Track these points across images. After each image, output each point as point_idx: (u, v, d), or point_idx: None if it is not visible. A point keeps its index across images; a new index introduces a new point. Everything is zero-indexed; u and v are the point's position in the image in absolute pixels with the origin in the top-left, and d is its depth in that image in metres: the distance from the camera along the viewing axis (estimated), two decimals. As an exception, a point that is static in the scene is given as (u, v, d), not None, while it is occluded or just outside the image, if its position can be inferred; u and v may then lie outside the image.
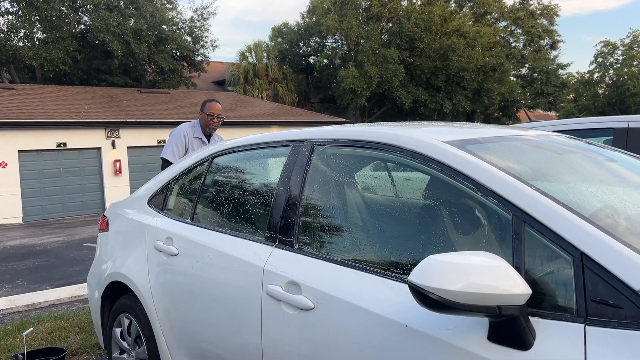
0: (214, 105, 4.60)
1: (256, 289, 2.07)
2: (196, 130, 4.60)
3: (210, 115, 4.54)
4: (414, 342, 1.54)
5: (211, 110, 4.56)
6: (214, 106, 4.59)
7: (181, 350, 2.53)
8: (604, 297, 1.29)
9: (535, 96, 33.27)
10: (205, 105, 4.62)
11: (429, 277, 1.30)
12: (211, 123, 4.55)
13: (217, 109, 4.58)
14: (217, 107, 4.60)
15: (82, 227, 12.90)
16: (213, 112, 4.55)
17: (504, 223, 1.53)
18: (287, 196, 2.17)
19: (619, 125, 3.85)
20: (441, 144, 1.80)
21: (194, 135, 4.57)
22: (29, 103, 16.50)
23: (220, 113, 4.59)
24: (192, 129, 4.60)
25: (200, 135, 4.58)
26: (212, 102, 4.63)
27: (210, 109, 4.56)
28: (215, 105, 4.61)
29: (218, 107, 4.61)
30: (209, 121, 4.55)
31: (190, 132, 4.57)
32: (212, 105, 4.60)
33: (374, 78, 25.88)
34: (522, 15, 32.83)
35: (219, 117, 4.58)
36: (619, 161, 2.15)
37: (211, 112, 4.54)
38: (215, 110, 4.57)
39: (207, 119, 4.55)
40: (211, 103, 4.62)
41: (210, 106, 4.59)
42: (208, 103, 4.62)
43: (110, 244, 3.21)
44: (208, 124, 4.56)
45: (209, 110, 4.56)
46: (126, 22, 21.78)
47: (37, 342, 4.03)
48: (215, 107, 4.59)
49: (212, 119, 4.54)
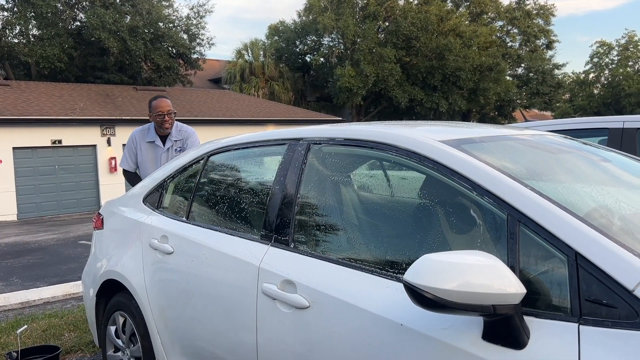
0: (160, 103, 4.18)
1: (251, 287, 2.07)
2: (148, 134, 4.27)
3: (159, 114, 4.15)
4: (408, 341, 1.54)
5: (158, 109, 4.16)
6: (160, 104, 4.17)
7: (176, 349, 2.53)
8: (598, 296, 1.29)
9: (531, 96, 33.37)
10: (151, 105, 4.20)
11: (424, 276, 1.30)
12: (163, 122, 4.17)
13: (164, 107, 4.16)
14: (163, 104, 4.18)
15: (77, 225, 12.86)
16: (161, 111, 4.15)
17: (499, 222, 1.53)
18: (282, 195, 2.17)
19: (613, 125, 3.87)
20: (437, 144, 1.80)
21: (146, 140, 4.25)
22: (24, 100, 16.43)
23: (169, 109, 4.18)
24: (142, 133, 4.30)
25: (152, 139, 4.25)
26: (157, 100, 4.21)
27: (156, 109, 4.16)
28: (161, 102, 4.18)
29: (165, 104, 4.18)
30: (160, 121, 4.17)
31: (140, 137, 4.29)
32: (158, 104, 4.18)
33: (370, 77, 25.90)
34: (519, 15, 32.91)
35: (169, 113, 4.17)
36: (614, 161, 2.16)
37: (158, 112, 4.15)
38: (162, 108, 4.16)
39: (157, 120, 4.18)
40: (156, 102, 4.20)
41: (156, 105, 4.17)
42: (153, 102, 4.20)
43: (106, 242, 3.21)
44: (160, 125, 4.19)
45: (155, 111, 4.16)
46: (122, 19, 21.71)
47: (31, 340, 4.02)
48: (162, 105, 4.17)
49: (162, 118, 4.15)
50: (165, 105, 4.17)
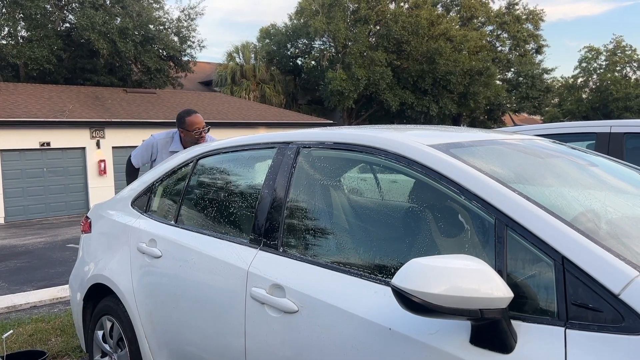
0: (197, 119, 3.98)
1: (240, 291, 2.06)
2: (173, 144, 4.05)
3: (197, 131, 3.94)
4: (397, 346, 1.54)
5: (195, 125, 3.94)
6: (197, 121, 3.97)
7: (163, 353, 2.51)
8: (585, 300, 1.30)
9: (521, 100, 33.62)
10: (186, 121, 3.96)
11: (412, 281, 1.30)
12: (200, 139, 3.95)
13: (200, 122, 3.99)
14: (200, 120, 4.00)
15: (66, 228, 12.75)
16: (198, 127, 3.95)
17: (486, 227, 1.54)
18: (272, 198, 2.16)
19: (601, 130, 3.91)
20: (425, 148, 1.81)
21: (169, 149, 4.02)
22: (12, 102, 16.27)
23: (204, 124, 4.02)
24: (166, 141, 4.08)
25: (176, 149, 3.99)
26: (192, 116, 3.98)
27: (193, 125, 3.94)
28: (197, 118, 3.99)
29: (200, 119, 4.01)
30: (198, 138, 3.94)
31: (163, 145, 4.07)
32: (195, 120, 3.96)
33: (361, 80, 25.97)
34: (508, 20, 33.19)
35: (204, 129, 4.01)
36: (601, 166, 2.18)
37: (196, 128, 3.94)
38: (200, 124, 3.97)
39: (195, 136, 3.94)
40: (192, 117, 3.97)
41: (193, 122, 3.95)
42: (188, 118, 3.96)
43: (93, 245, 3.18)
44: (197, 141, 3.92)
45: (192, 127, 3.94)
46: (112, 21, 21.59)
47: (17, 345, 3.97)
48: (200, 121, 3.99)
49: (199, 134, 3.95)
50: (201, 121, 3.99)
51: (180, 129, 3.99)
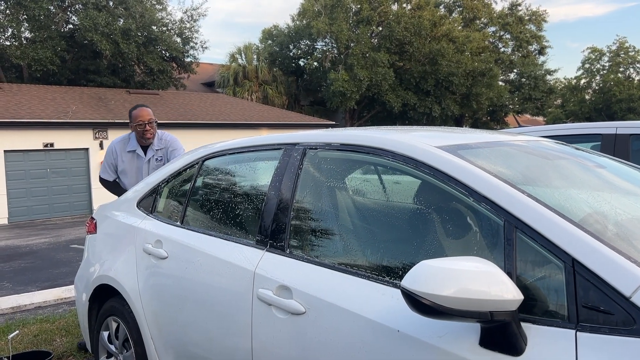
0: (141, 112, 4.01)
1: (246, 292, 2.06)
2: (129, 143, 4.11)
3: (140, 124, 3.99)
4: (405, 348, 1.53)
5: (138, 119, 3.99)
6: (140, 114, 4.01)
7: (169, 354, 2.51)
8: (595, 303, 1.29)
9: (523, 101, 33.59)
10: (132, 115, 4.05)
11: (422, 283, 1.30)
12: (144, 133, 4.01)
13: (144, 116, 4.00)
14: (143, 113, 4.01)
15: (69, 229, 12.77)
16: (141, 121, 3.98)
17: (495, 228, 1.53)
18: (278, 200, 2.16)
19: (606, 131, 3.90)
20: (433, 149, 1.80)
21: (126, 149, 4.10)
22: (16, 103, 16.31)
23: (150, 118, 4.01)
24: (123, 143, 4.14)
25: (134, 148, 4.09)
26: (137, 110, 4.05)
27: (137, 119, 4.00)
28: (141, 112, 4.02)
29: (145, 113, 4.02)
30: (141, 131, 4.01)
31: (121, 147, 4.13)
32: (138, 113, 4.02)
33: (363, 81, 25.97)
34: (511, 21, 33.16)
35: (150, 122, 4.01)
36: (608, 167, 2.17)
37: (139, 122, 3.99)
38: (143, 117, 3.99)
39: (139, 130, 4.02)
40: (136, 111, 4.04)
41: (136, 115, 4.01)
42: (133, 112, 4.05)
43: (99, 246, 3.18)
44: (142, 135, 4.03)
45: (136, 121, 4.00)
46: (115, 22, 21.63)
47: (22, 345, 3.98)
48: (143, 114, 4.00)
49: (143, 127, 3.99)
50: (145, 114, 4.01)
51: (130, 125, 4.06)
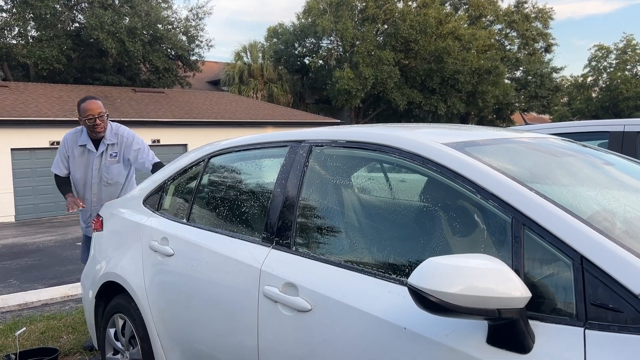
0: (90, 105, 3.72)
1: (252, 290, 2.06)
2: (81, 137, 3.86)
3: (89, 118, 3.71)
4: (412, 345, 1.53)
5: (87, 113, 3.70)
6: (89, 107, 3.72)
7: (175, 351, 2.51)
8: (604, 300, 1.28)
9: (529, 99, 33.45)
10: (80, 108, 3.75)
11: (429, 280, 1.29)
12: (94, 127, 3.74)
13: (94, 109, 3.71)
14: (93, 106, 3.73)
15: (75, 227, 12.82)
16: (91, 114, 3.70)
17: (503, 226, 1.53)
18: (284, 197, 2.16)
19: (614, 129, 3.87)
20: (440, 146, 1.80)
21: (78, 143, 3.86)
22: (23, 101, 16.39)
23: (100, 111, 3.72)
24: (75, 136, 3.89)
25: (84, 142, 3.84)
26: (86, 103, 3.75)
27: (86, 112, 3.71)
28: (90, 104, 3.73)
29: (95, 106, 3.73)
30: (91, 125, 3.74)
31: (72, 141, 3.88)
32: (87, 106, 3.72)
33: (368, 79, 25.92)
34: (517, 19, 33.01)
35: (100, 116, 3.72)
36: (616, 164, 2.15)
37: (88, 115, 3.70)
38: (92, 111, 3.71)
39: (88, 124, 3.74)
40: (85, 104, 3.74)
41: (85, 108, 3.72)
42: (82, 105, 3.75)
43: (105, 243, 3.19)
44: (91, 129, 3.76)
45: (85, 115, 3.71)
46: (121, 21, 21.70)
47: (29, 342, 4.00)
48: (92, 107, 3.72)
49: (92, 122, 3.72)
50: (95, 107, 3.72)
51: (79, 118, 3.79)
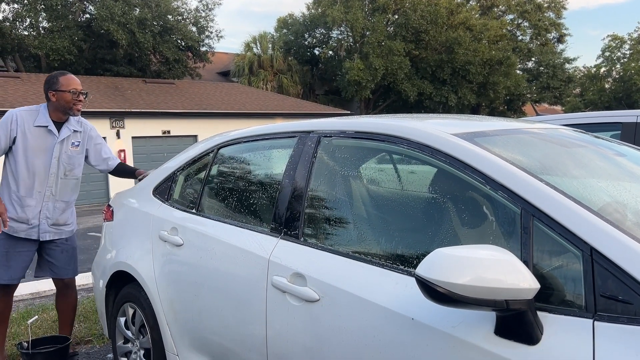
0: (74, 80, 3.29)
1: (261, 280, 2.07)
2: (39, 117, 3.24)
3: (74, 92, 3.24)
4: (419, 336, 1.53)
5: (72, 86, 3.24)
6: (74, 81, 3.28)
7: (185, 340, 2.53)
8: (614, 292, 1.27)
9: (541, 90, 33.13)
10: (59, 81, 3.23)
11: (437, 271, 1.29)
12: (76, 103, 3.27)
13: (78, 83, 3.30)
14: (77, 80, 3.31)
15: (87, 217, 12.94)
16: (75, 88, 3.25)
17: (512, 217, 1.52)
18: (292, 188, 2.16)
19: (627, 119, 3.82)
20: (449, 137, 1.78)
21: (35, 124, 3.22)
22: (34, 92, 16.51)
23: (81, 88, 3.32)
24: (30, 114, 3.24)
25: (45, 123, 3.24)
26: (68, 76, 3.29)
27: (71, 85, 3.24)
28: (74, 79, 3.30)
29: (78, 81, 3.32)
30: (74, 101, 3.25)
31: (27, 119, 3.21)
32: (71, 80, 3.26)
33: (379, 70, 25.80)
34: (529, 9, 32.62)
35: (82, 93, 3.31)
36: (628, 156, 2.13)
37: (73, 89, 3.24)
38: (77, 85, 3.28)
39: (69, 100, 3.23)
40: (67, 77, 3.27)
41: (69, 81, 3.25)
42: (63, 77, 3.25)
43: (115, 233, 3.22)
44: (71, 106, 3.25)
45: (70, 87, 3.23)
46: (131, 12, 21.75)
47: (41, 331, 4.06)
48: (76, 82, 3.29)
49: (76, 97, 3.26)
50: (78, 82, 3.31)
51: (52, 91, 3.23)
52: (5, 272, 3.22)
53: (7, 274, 3.23)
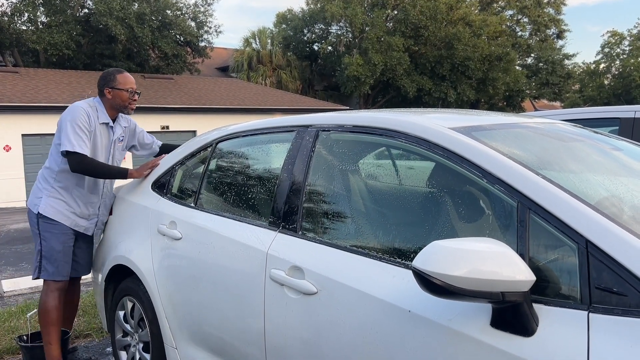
0: (130, 78, 3.25)
1: (259, 273, 2.08)
2: (100, 114, 3.18)
3: (130, 91, 3.20)
4: (416, 328, 1.54)
5: (129, 85, 3.20)
6: (130, 78, 3.24)
7: (184, 334, 2.55)
8: (608, 284, 1.28)
9: (540, 86, 33.11)
10: (116, 78, 3.19)
11: (433, 263, 1.30)
12: (132, 102, 3.23)
13: (133, 81, 3.26)
14: (133, 79, 3.28)
15: (86, 212, 12.93)
16: (132, 88, 3.21)
17: (508, 210, 1.53)
18: (290, 182, 2.17)
19: (625, 115, 3.83)
20: (447, 131, 1.79)
21: (100, 121, 3.16)
22: (33, 87, 16.48)
23: (136, 87, 3.28)
24: (94, 111, 3.15)
25: (107, 120, 3.19)
26: (125, 74, 3.24)
27: (127, 83, 3.19)
28: (130, 77, 3.26)
29: (134, 80, 3.29)
30: (130, 100, 3.21)
31: (94, 116, 3.14)
32: (128, 78, 3.22)
33: (378, 66, 25.76)
34: (529, 4, 32.57)
35: (137, 92, 3.27)
36: (625, 150, 2.14)
37: (130, 87, 3.20)
38: (133, 84, 3.24)
39: (126, 97, 3.19)
40: (124, 75, 3.24)
41: (126, 80, 3.21)
42: (120, 75, 3.21)
43: (114, 227, 3.22)
44: (127, 104, 3.21)
45: (127, 85, 3.19)
46: (130, 7, 21.69)
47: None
48: (132, 80, 3.26)
49: (132, 96, 3.22)
50: (134, 81, 3.27)
51: (109, 88, 3.17)
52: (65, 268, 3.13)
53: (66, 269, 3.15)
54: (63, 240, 3.11)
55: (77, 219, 3.17)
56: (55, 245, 3.08)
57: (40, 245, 3.09)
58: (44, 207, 3.09)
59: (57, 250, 3.08)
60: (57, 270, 3.08)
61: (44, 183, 3.16)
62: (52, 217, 3.08)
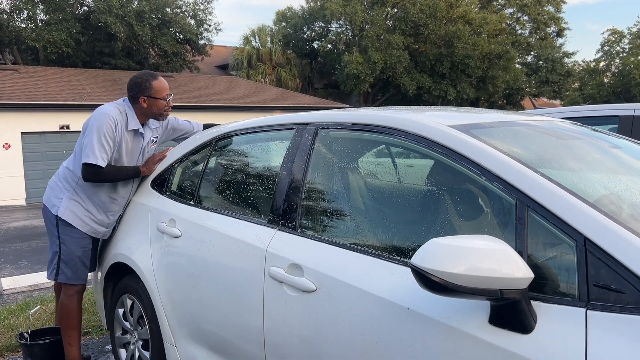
0: (165, 84, 3.09)
1: (258, 271, 2.08)
2: (130, 120, 3.00)
3: (168, 97, 3.07)
4: (415, 325, 1.54)
5: (165, 92, 3.05)
6: (165, 85, 3.08)
7: (183, 331, 2.55)
8: (607, 282, 1.29)
9: (540, 84, 33.10)
10: (152, 86, 3.01)
11: (432, 260, 1.30)
12: (167, 109, 3.09)
13: (168, 87, 3.11)
14: (167, 84, 3.12)
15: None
16: (168, 95, 3.07)
17: (507, 207, 1.53)
18: (290, 179, 2.17)
19: (624, 113, 3.84)
20: (446, 128, 1.79)
21: (128, 128, 2.99)
22: (32, 85, 16.47)
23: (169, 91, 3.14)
24: (122, 117, 2.98)
25: (136, 126, 3.02)
26: (160, 80, 3.06)
27: (164, 90, 3.04)
28: (165, 83, 3.10)
29: (167, 84, 3.13)
30: (165, 108, 3.07)
31: (122, 123, 2.97)
32: (162, 84, 3.06)
33: (378, 64, 25.74)
34: (529, 2, 32.54)
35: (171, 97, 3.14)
36: (624, 148, 2.14)
37: (166, 95, 3.05)
38: (168, 89, 3.10)
39: (163, 106, 3.05)
40: (158, 81, 3.05)
41: (162, 86, 3.04)
42: (155, 82, 3.03)
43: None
44: (164, 112, 3.08)
45: (164, 93, 3.04)
46: (129, 4, 21.64)
47: (40, 322, 4.07)
48: (167, 86, 3.10)
49: (168, 103, 3.08)
50: (168, 86, 3.13)
51: (144, 97, 3.00)
52: (84, 272, 3.09)
53: (85, 273, 3.11)
54: (83, 245, 3.04)
55: (96, 226, 3.07)
56: (75, 250, 3.01)
57: (59, 248, 3.01)
58: (63, 210, 2.99)
59: (77, 255, 3.02)
60: (75, 274, 3.02)
61: (66, 184, 3.05)
62: (70, 222, 2.99)
